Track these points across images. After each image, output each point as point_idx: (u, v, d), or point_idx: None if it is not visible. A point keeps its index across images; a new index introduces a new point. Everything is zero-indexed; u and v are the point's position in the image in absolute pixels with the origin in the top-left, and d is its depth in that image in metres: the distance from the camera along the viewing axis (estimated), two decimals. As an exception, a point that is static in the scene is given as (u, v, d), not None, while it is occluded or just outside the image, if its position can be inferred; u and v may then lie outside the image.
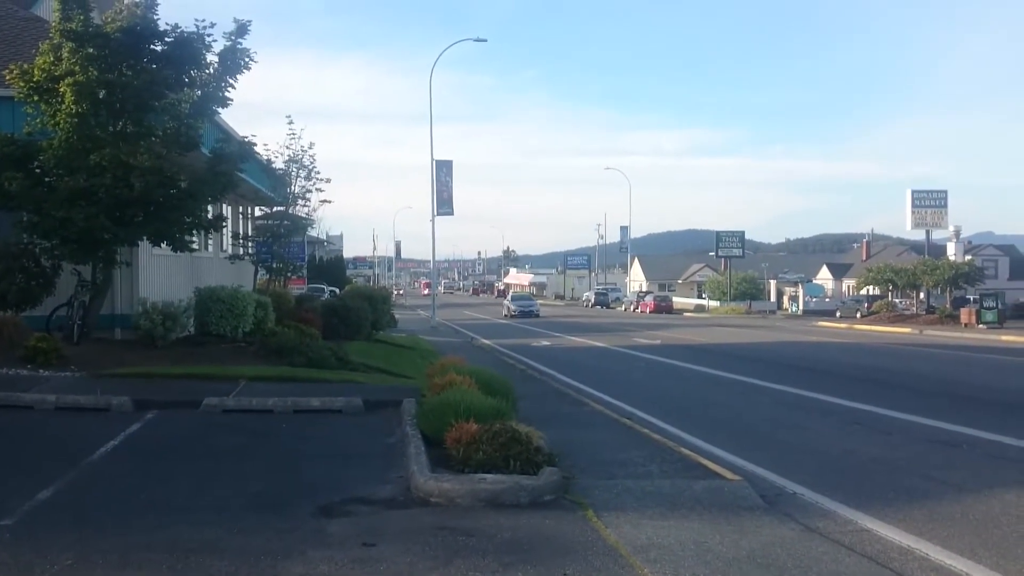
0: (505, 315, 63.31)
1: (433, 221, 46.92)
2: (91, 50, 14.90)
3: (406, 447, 9.34)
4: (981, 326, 47.44)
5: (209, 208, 18.59)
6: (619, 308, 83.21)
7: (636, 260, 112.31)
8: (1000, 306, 50.54)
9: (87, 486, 8.11)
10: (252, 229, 28.81)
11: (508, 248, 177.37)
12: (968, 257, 66.80)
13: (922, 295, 60.92)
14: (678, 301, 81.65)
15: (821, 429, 13.05)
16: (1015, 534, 7.29)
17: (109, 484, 8.18)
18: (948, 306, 55.72)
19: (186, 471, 8.72)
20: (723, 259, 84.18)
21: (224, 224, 20.66)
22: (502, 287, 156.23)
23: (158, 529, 6.67)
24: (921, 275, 57.82)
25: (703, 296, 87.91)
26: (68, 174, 14.72)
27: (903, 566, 6.38)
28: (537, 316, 60.64)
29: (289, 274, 30.10)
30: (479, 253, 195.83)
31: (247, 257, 26.42)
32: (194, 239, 17.26)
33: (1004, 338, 38.28)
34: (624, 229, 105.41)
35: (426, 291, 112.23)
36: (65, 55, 14.96)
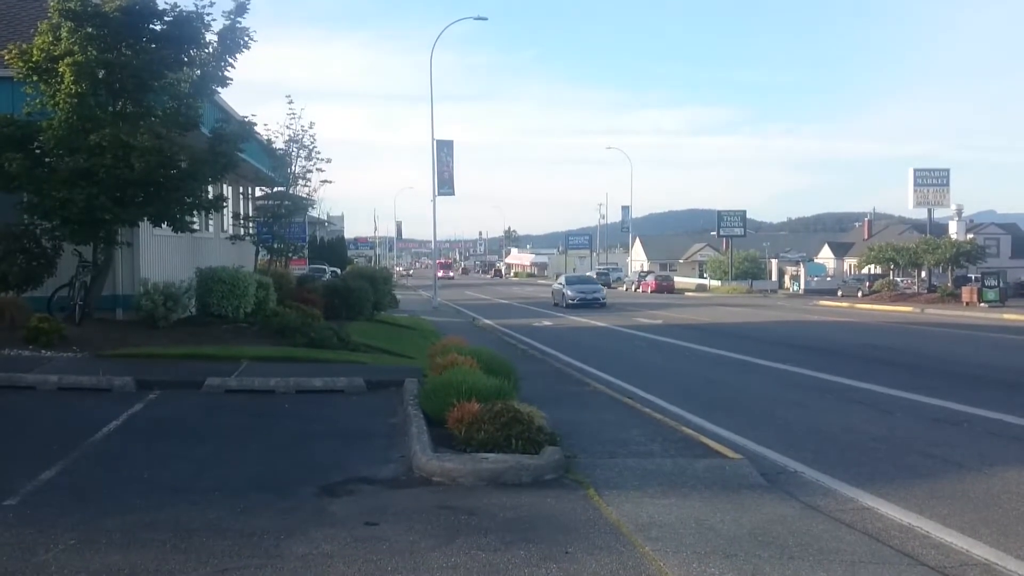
0: (557, 303, 45.77)
1: (434, 201, 46.81)
2: (90, 30, 14.82)
3: (408, 427, 9.36)
4: (983, 304, 47.39)
5: (209, 188, 18.57)
6: (620, 288, 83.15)
7: (637, 240, 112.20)
8: (1001, 284, 50.43)
9: (90, 466, 8.13)
10: (253, 209, 28.75)
11: (509, 228, 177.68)
12: (970, 236, 66.65)
13: (923, 274, 60.84)
14: (679, 281, 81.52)
15: (822, 407, 13.06)
16: (1016, 512, 7.31)
17: (112, 464, 8.21)
18: (950, 285, 55.65)
19: (188, 451, 8.75)
20: (724, 238, 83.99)
21: (224, 204, 20.65)
22: (503, 267, 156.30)
23: (161, 509, 6.69)
24: (923, 254, 57.70)
25: (704, 276, 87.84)
26: (68, 154, 14.68)
27: (904, 544, 6.39)
28: (603, 305, 44.22)
29: (290, 254, 30.13)
30: (480, 233, 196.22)
31: (248, 238, 26.41)
32: (195, 220, 17.23)
33: (1006, 316, 38.26)
34: (625, 209, 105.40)
35: (442, 273, 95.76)
36: (64, 35, 14.88)
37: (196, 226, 17.88)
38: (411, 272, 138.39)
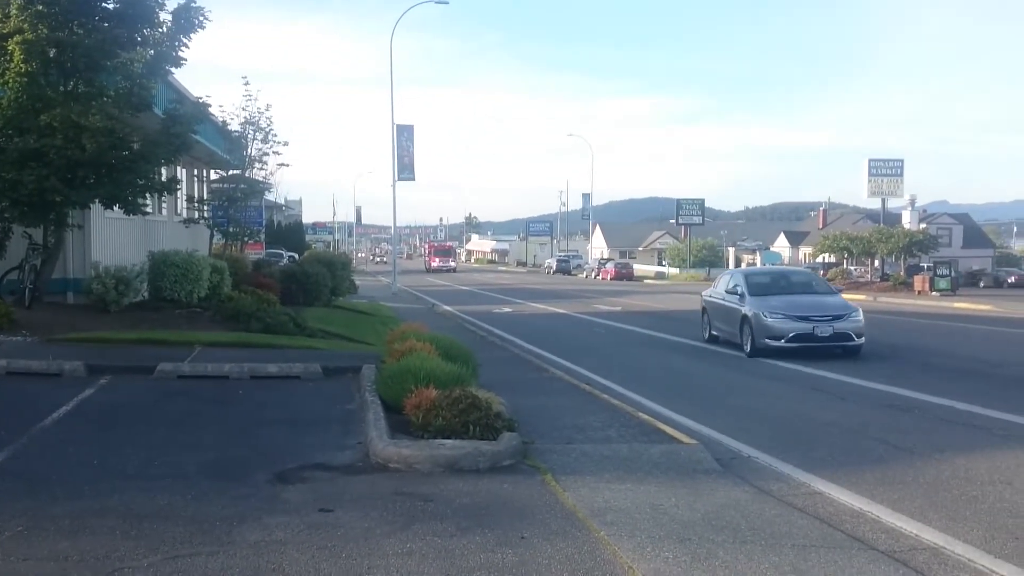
0: (723, 335, 19.95)
1: (394, 186, 46.50)
2: (40, 7, 14.47)
3: (365, 413, 9.31)
4: (934, 293, 48.29)
5: (163, 171, 18.28)
6: (580, 275, 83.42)
7: (598, 227, 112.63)
8: (953, 274, 51.48)
9: (39, 452, 7.98)
10: (207, 193, 28.36)
11: (470, 214, 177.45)
12: (922, 226, 67.97)
13: (877, 263, 61.87)
14: (639, 268, 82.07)
15: (777, 394, 13.21)
16: (964, 496, 7.45)
17: (61, 450, 8.06)
18: (902, 274, 56.72)
19: (140, 437, 8.62)
20: (683, 226, 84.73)
21: (178, 187, 20.34)
22: (464, 253, 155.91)
23: (111, 495, 6.58)
24: (876, 243, 58.67)
25: (663, 263, 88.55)
26: (18, 135, 14.33)
27: (855, 528, 6.49)
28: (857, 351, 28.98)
29: (246, 239, 29.79)
30: (441, 219, 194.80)
31: (202, 221, 26.06)
32: (147, 202, 16.97)
33: (957, 305, 38.99)
34: (586, 196, 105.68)
35: (436, 262, 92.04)
36: (13, 12, 14.50)
37: (149, 209, 17.61)
38: (384, 258, 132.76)
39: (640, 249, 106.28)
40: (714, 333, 20.00)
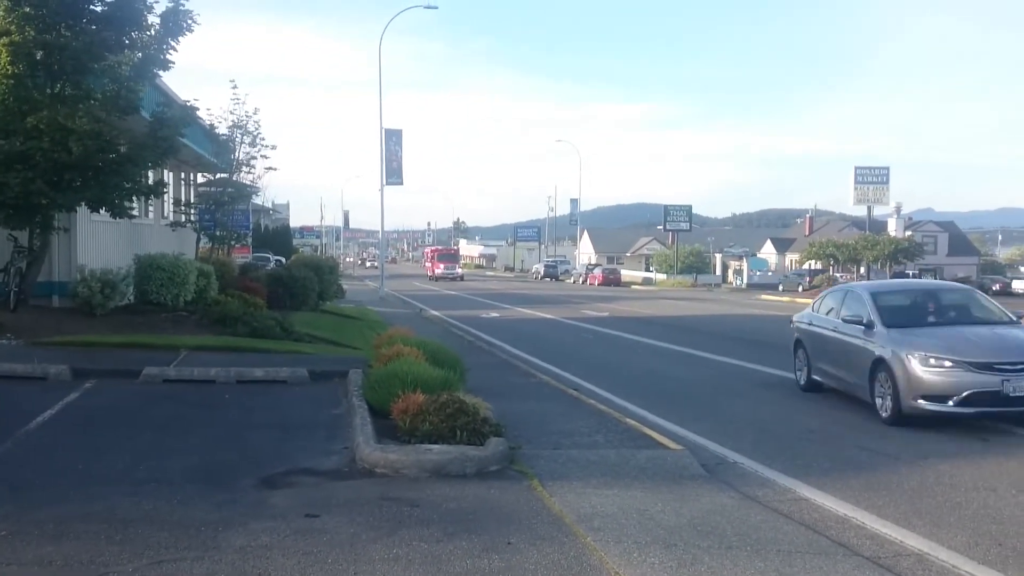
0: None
1: (382, 191, 46.43)
2: (28, 9, 14.40)
3: (352, 418, 9.29)
4: (919, 301, 48.47)
5: (150, 174, 18.19)
6: (568, 280, 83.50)
7: (586, 233, 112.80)
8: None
9: (23, 456, 7.94)
10: (194, 196, 28.22)
11: (458, 219, 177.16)
12: (908, 233, 68.39)
13: (863, 270, 62.22)
14: (626, 274, 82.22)
15: (762, 399, 13.25)
16: (948, 503, 7.49)
17: (46, 454, 8.02)
18: (888, 281, 57.03)
19: (125, 442, 8.58)
20: (671, 233, 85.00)
21: (165, 190, 20.24)
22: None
23: (96, 500, 6.55)
24: (862, 250, 59.10)
25: (651, 269, 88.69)
26: (3, 137, 14.24)
27: (840, 534, 6.52)
28: None
29: (233, 242, 29.68)
30: (429, 224, 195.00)
31: (189, 225, 25.94)
32: (134, 205, 16.88)
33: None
34: (574, 202, 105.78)
35: (440, 268, 79.50)
36: (0, 14, 14.44)
37: (135, 212, 17.52)
38: (374, 263, 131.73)
39: (628, 255, 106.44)
40: (816, 378, 13.45)
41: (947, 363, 10.62)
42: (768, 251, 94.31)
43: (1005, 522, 6.95)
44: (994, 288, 65.01)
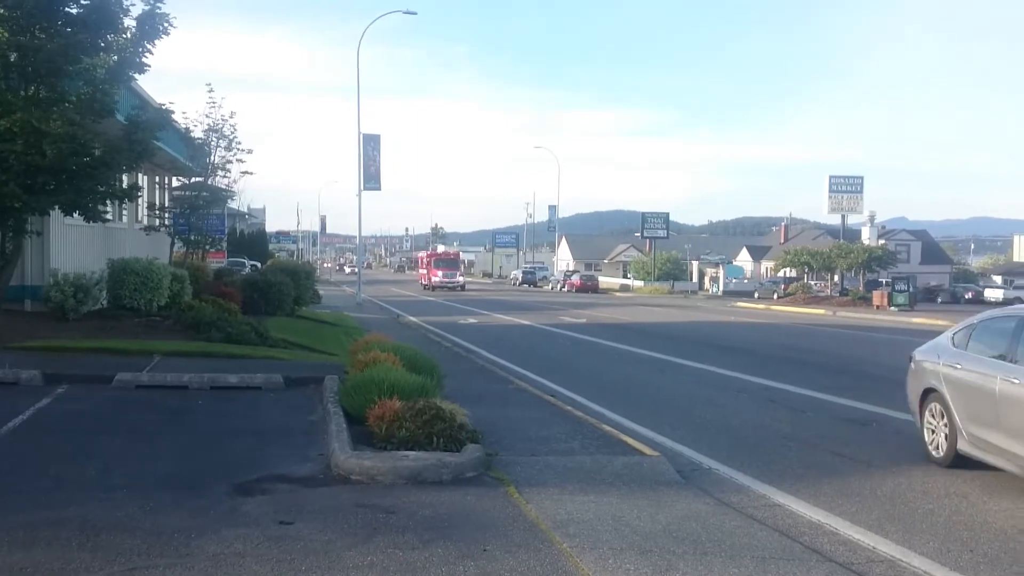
0: None
1: (359, 196, 46.28)
2: (2, 11, 14.28)
3: (327, 424, 9.25)
4: (892, 308, 48.97)
5: (124, 177, 18.06)
6: (546, 287, 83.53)
7: (564, 239, 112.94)
8: (911, 289, 52.32)
9: (-8, 463, 7.83)
10: (169, 200, 28.04)
11: (436, 225, 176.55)
12: (881, 241, 69.05)
13: (836, 278, 62.70)
14: (604, 280, 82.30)
15: (737, 406, 13.32)
16: (921, 509, 7.56)
17: (17, 460, 7.93)
18: (861, 289, 57.58)
19: (97, 448, 8.50)
20: (648, 240, 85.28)
21: (139, 194, 20.09)
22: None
23: (68, 506, 6.48)
24: (836, 258, 59.52)
25: (628, 276, 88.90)
26: (-25, 140, 14.09)
27: (813, 540, 6.55)
28: None
29: (208, 247, 29.40)
30: (407, 229, 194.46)
31: (163, 229, 25.76)
32: (107, 209, 16.76)
33: (914, 320, 39.57)
34: (552, 208, 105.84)
35: (437, 276, 67.81)
36: (-27, 15, 14.29)
37: (109, 216, 17.39)
38: (353, 268, 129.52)
39: (605, 261, 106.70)
40: (963, 450, 8.72)
41: None
42: (744, 258, 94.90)
43: (976, 528, 7.02)
44: (967, 296, 65.85)
